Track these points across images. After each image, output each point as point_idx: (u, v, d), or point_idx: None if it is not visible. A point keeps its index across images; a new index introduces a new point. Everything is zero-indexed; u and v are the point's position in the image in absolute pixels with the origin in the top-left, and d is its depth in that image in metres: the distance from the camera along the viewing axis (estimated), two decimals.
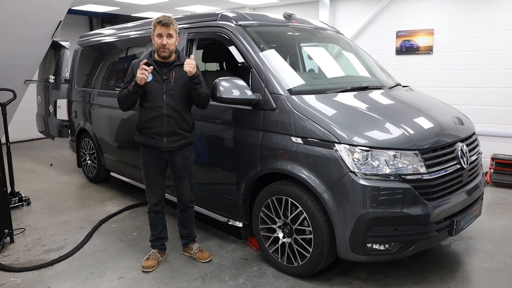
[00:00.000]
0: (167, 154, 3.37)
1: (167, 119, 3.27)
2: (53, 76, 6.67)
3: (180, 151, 3.39)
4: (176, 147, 3.35)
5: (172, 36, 3.23)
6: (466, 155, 3.27)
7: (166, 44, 3.20)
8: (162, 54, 3.24)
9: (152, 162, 3.41)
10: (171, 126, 3.29)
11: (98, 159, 5.79)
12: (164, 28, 3.19)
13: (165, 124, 3.28)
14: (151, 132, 3.31)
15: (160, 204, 3.56)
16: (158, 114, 3.27)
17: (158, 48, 3.23)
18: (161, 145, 3.31)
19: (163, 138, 3.30)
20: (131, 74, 3.32)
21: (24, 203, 5.14)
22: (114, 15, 10.53)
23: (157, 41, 3.22)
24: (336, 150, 2.91)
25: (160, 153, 3.36)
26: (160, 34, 3.20)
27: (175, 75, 3.29)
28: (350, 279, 3.32)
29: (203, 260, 3.59)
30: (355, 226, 2.88)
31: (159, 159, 3.39)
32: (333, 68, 4.19)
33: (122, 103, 3.36)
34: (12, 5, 4.30)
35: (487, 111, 6.32)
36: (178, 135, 3.33)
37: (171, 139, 3.31)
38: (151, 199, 3.52)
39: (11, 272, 3.48)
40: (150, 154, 3.39)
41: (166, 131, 3.29)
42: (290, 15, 4.25)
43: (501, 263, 3.59)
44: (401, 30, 7.01)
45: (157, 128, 3.29)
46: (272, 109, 3.29)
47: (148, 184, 3.50)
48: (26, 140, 9.62)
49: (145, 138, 3.36)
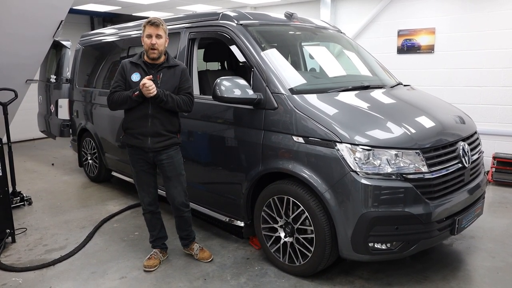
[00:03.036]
0: (152, 154, 3.34)
1: (151, 120, 3.25)
2: (55, 76, 6.68)
3: (165, 151, 3.35)
4: (161, 148, 3.32)
5: (161, 37, 3.21)
6: (467, 154, 3.26)
7: (155, 44, 3.18)
8: (151, 55, 3.24)
9: (140, 161, 3.39)
10: (155, 127, 3.27)
11: (99, 159, 5.79)
12: (153, 28, 3.18)
13: (149, 125, 3.26)
14: (135, 132, 3.30)
15: (154, 203, 3.53)
16: (143, 115, 3.25)
17: (148, 49, 3.22)
18: (145, 145, 3.29)
19: (147, 138, 3.28)
20: (121, 75, 3.30)
21: (25, 203, 5.14)
22: (115, 14, 10.54)
23: (146, 41, 3.21)
24: (337, 149, 2.91)
25: (145, 153, 3.34)
26: (150, 34, 3.19)
27: (163, 76, 3.27)
28: (351, 278, 3.32)
29: (205, 260, 3.59)
30: (356, 225, 2.87)
31: (145, 159, 3.37)
32: (335, 67, 4.18)
33: (116, 105, 3.30)
34: (13, 5, 4.30)
35: (488, 110, 6.31)
36: (163, 136, 3.30)
37: (155, 140, 3.29)
38: (144, 199, 3.50)
39: (13, 272, 3.48)
40: (136, 154, 3.38)
41: (150, 131, 3.27)
42: (292, 14, 4.25)
43: (503, 262, 3.59)
44: (402, 29, 7.00)
45: (141, 128, 3.27)
46: (273, 108, 3.28)
47: (139, 183, 3.49)
48: (28, 139, 9.64)
49: (130, 138, 3.35)
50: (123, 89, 3.29)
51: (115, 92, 3.28)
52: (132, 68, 3.31)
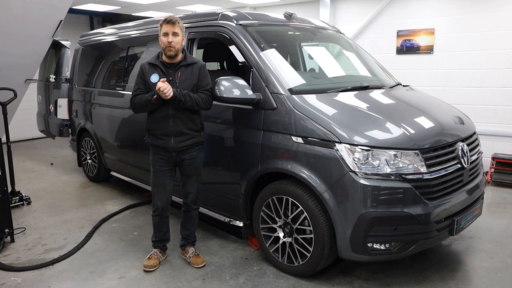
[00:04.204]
0: (175, 154, 3.35)
1: (173, 120, 3.27)
2: (54, 76, 6.68)
3: (189, 150, 3.37)
4: (184, 147, 3.33)
5: (178, 35, 3.22)
6: (466, 154, 3.26)
7: (172, 42, 3.18)
8: (168, 53, 3.23)
9: (160, 161, 3.39)
10: (177, 126, 3.28)
11: (98, 159, 5.79)
12: (169, 26, 3.19)
13: (171, 125, 3.27)
14: (159, 133, 3.32)
15: (166, 208, 3.52)
16: (165, 115, 3.27)
17: (164, 47, 3.23)
18: (169, 145, 3.31)
19: (170, 138, 3.29)
20: (140, 77, 3.33)
21: (24, 203, 5.14)
22: (115, 14, 10.53)
23: (163, 40, 3.22)
24: (336, 150, 2.91)
25: (169, 153, 3.35)
26: (166, 32, 3.20)
27: (181, 75, 3.28)
28: (350, 278, 3.32)
29: (197, 265, 3.52)
30: (355, 226, 2.87)
31: (167, 159, 3.38)
32: (334, 68, 4.19)
33: (138, 109, 3.33)
34: (13, 4, 4.30)
35: (487, 111, 6.32)
36: (186, 135, 3.32)
37: (179, 139, 3.30)
38: (158, 201, 3.47)
39: (12, 271, 3.48)
40: (159, 154, 3.39)
41: (173, 131, 3.28)
42: (291, 15, 4.25)
43: (501, 263, 3.59)
44: (401, 29, 7.00)
45: (164, 129, 3.29)
46: (272, 108, 3.29)
47: (155, 185, 3.48)
48: (27, 139, 9.63)
49: (153, 139, 3.37)
50: (144, 91, 3.30)
51: (137, 95, 3.31)
52: (151, 69, 3.31)
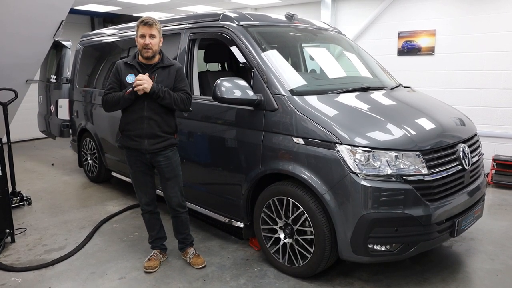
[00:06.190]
0: (149, 156, 3.32)
1: (148, 122, 3.23)
2: (55, 76, 6.69)
3: (162, 152, 3.33)
4: (158, 149, 3.29)
5: (155, 37, 3.20)
6: (467, 156, 3.26)
7: (149, 44, 3.17)
8: (145, 54, 3.21)
9: (137, 163, 3.38)
10: (152, 128, 3.24)
11: (99, 159, 5.79)
12: (146, 28, 3.17)
13: (145, 127, 3.23)
14: (132, 134, 3.28)
15: (152, 203, 3.52)
16: (139, 116, 3.23)
17: (141, 49, 3.21)
18: (142, 147, 3.26)
19: (144, 140, 3.25)
20: (115, 76, 3.29)
21: (25, 203, 5.14)
22: (116, 15, 10.55)
23: (140, 41, 3.20)
24: (337, 151, 2.91)
25: (142, 154, 3.32)
26: (143, 34, 3.18)
27: (157, 77, 3.24)
28: (351, 280, 3.32)
29: (197, 266, 3.51)
30: (356, 227, 2.87)
31: (142, 160, 3.35)
32: (335, 69, 4.19)
33: (110, 106, 3.26)
34: (14, 5, 4.30)
35: (488, 112, 6.32)
36: (159, 137, 3.28)
37: (152, 141, 3.26)
38: (142, 199, 3.49)
39: (12, 272, 3.48)
40: (133, 155, 3.36)
41: (147, 133, 3.24)
42: (292, 16, 4.25)
43: (502, 264, 3.58)
44: (402, 31, 7.00)
45: (137, 130, 3.25)
46: (273, 109, 3.28)
47: (136, 184, 3.48)
48: (28, 139, 9.64)
49: (127, 140, 3.32)
50: (117, 90, 3.25)
51: (109, 93, 3.26)
52: (127, 69, 3.28)
